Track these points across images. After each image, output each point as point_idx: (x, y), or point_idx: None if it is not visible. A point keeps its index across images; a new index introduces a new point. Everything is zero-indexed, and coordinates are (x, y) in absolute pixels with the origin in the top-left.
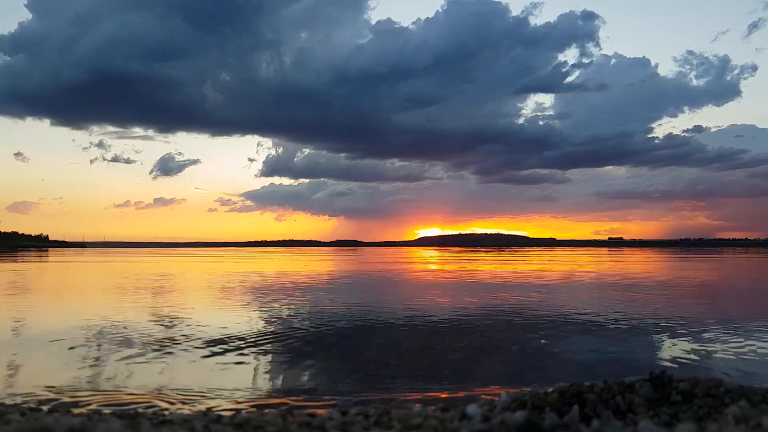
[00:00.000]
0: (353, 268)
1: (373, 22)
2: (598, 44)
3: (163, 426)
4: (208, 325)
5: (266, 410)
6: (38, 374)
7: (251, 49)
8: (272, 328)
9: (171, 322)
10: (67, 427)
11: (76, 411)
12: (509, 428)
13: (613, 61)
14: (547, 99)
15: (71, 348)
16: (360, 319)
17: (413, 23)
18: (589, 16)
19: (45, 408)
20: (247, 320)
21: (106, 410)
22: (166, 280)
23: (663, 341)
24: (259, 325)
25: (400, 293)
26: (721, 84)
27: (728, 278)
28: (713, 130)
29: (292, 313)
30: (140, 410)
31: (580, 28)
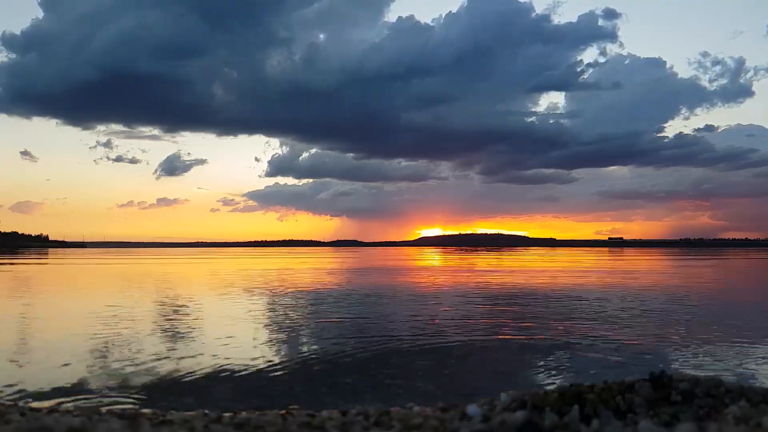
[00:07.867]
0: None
1: (394, 20)
2: (621, 44)
3: (163, 426)
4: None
5: (266, 410)
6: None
7: (262, 48)
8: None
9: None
10: (67, 427)
11: (76, 411)
12: (509, 428)
13: (627, 60)
14: (560, 98)
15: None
16: None
17: (433, 20)
18: (611, 15)
19: (45, 408)
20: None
21: (106, 410)
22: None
23: (662, 341)
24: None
25: None
26: (734, 85)
27: (721, 280)
28: (720, 129)
29: None
30: (140, 410)
31: (601, 29)
